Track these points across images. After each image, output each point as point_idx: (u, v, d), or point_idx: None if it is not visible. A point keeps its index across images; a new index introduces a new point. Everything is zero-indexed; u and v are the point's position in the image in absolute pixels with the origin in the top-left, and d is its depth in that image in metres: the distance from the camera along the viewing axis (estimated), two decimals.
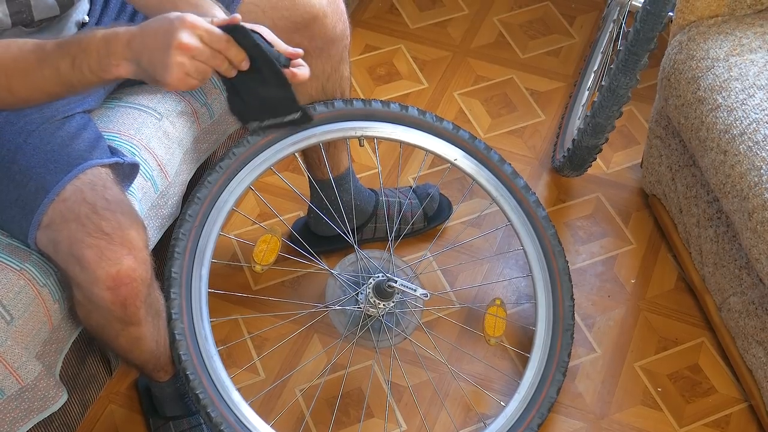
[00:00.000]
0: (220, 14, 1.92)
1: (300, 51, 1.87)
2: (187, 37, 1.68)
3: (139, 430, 2.51)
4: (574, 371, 2.58)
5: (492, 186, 2.45)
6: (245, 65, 1.76)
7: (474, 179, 2.46)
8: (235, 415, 2.20)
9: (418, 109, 2.44)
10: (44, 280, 2.02)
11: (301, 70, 1.88)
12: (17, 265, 2.00)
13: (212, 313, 2.26)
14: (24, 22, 1.96)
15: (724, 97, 2.32)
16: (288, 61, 1.87)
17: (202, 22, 1.70)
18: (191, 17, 1.69)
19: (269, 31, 1.88)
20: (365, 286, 2.40)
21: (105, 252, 1.89)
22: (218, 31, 1.72)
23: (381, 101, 2.42)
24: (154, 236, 2.26)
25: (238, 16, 1.74)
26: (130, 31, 1.73)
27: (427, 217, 2.80)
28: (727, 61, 2.36)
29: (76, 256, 1.90)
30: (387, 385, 2.55)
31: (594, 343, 2.64)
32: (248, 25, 1.85)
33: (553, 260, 2.45)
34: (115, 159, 2.05)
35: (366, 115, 2.41)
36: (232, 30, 1.75)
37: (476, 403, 2.53)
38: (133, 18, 2.21)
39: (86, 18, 2.12)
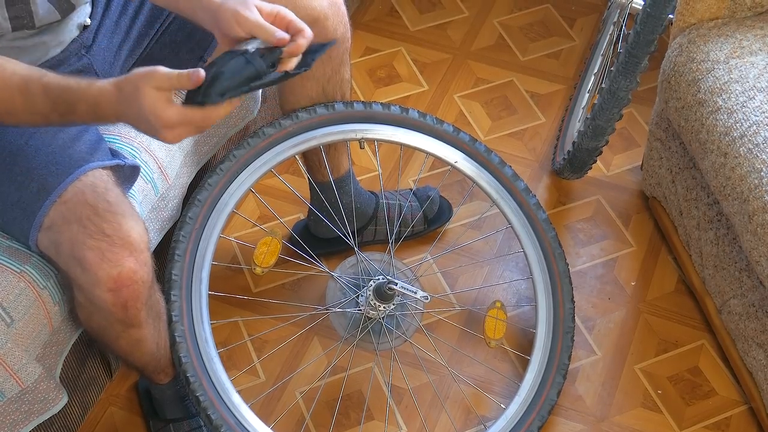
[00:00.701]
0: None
1: (285, 37, 1.85)
2: (170, 133, 1.75)
3: None
4: (575, 373, 2.58)
5: (492, 188, 2.45)
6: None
7: (474, 182, 2.46)
8: (236, 418, 2.21)
9: (418, 111, 2.44)
10: (44, 283, 2.02)
11: (291, 62, 1.88)
12: (17, 268, 2.00)
13: (212, 315, 2.26)
14: (25, 28, 1.96)
15: (724, 99, 2.32)
16: (279, 52, 1.84)
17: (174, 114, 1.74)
18: (162, 113, 1.72)
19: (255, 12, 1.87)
20: (365, 288, 2.40)
21: (106, 254, 1.89)
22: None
23: (381, 103, 2.42)
24: (154, 238, 2.26)
25: (201, 72, 1.72)
26: (112, 103, 1.76)
27: (428, 220, 2.80)
28: (728, 63, 2.37)
29: (78, 258, 1.90)
30: (387, 388, 2.55)
31: (594, 345, 2.64)
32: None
33: (554, 263, 2.45)
34: (115, 161, 2.05)
35: (366, 117, 2.42)
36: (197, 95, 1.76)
37: (476, 405, 2.53)
38: (134, 21, 2.21)
39: (88, 21, 2.12)
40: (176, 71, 1.72)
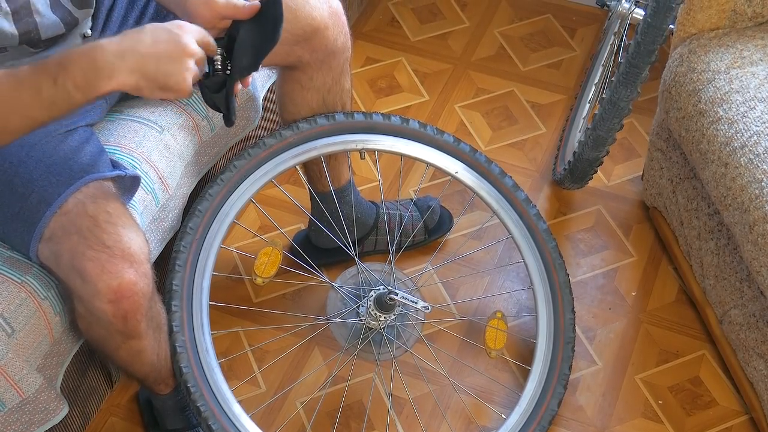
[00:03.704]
0: None
1: (255, 4, 1.93)
2: (194, 44, 1.76)
3: None
4: (575, 384, 2.58)
5: (493, 199, 2.45)
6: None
7: (475, 192, 2.46)
8: (236, 428, 2.20)
9: (418, 122, 2.44)
10: (45, 293, 2.02)
11: None
12: (18, 278, 2.00)
13: (213, 325, 2.26)
14: (31, 41, 1.96)
15: (725, 109, 2.32)
16: None
17: (198, 29, 1.81)
18: (188, 25, 1.79)
19: None
20: (366, 298, 2.40)
21: (106, 265, 1.89)
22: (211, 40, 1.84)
23: (382, 114, 2.43)
24: (155, 249, 2.26)
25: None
26: (116, 43, 1.73)
27: (428, 230, 2.80)
28: (728, 73, 2.37)
29: (78, 269, 1.90)
30: (388, 398, 2.55)
31: (595, 355, 2.63)
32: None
33: (554, 273, 2.45)
34: (116, 172, 2.05)
35: (367, 127, 2.42)
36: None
37: (477, 415, 2.53)
38: None
39: (89, 32, 2.12)
40: None
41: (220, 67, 1.93)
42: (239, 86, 1.95)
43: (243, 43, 1.92)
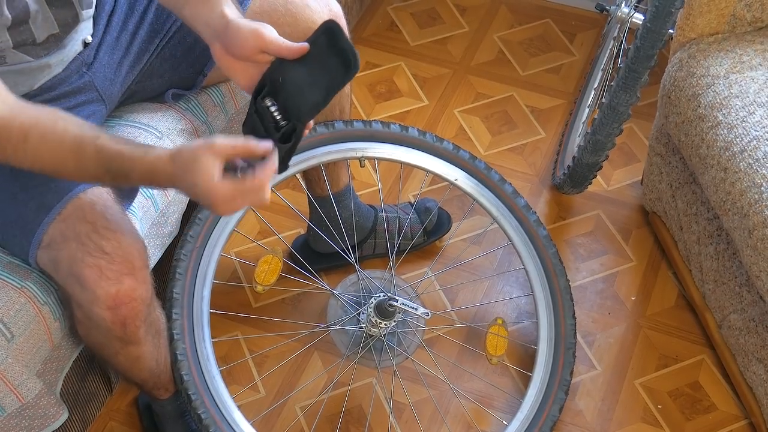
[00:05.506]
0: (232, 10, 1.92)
1: (305, 46, 1.89)
2: (225, 207, 1.79)
3: None
4: (575, 388, 2.57)
5: (492, 205, 2.45)
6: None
7: (474, 199, 2.46)
8: None
9: (418, 129, 2.44)
10: (45, 299, 2.02)
11: None
12: (18, 283, 2.00)
13: (213, 331, 2.26)
14: (26, 45, 1.96)
15: (724, 114, 2.32)
16: None
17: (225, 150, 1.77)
18: (209, 178, 1.75)
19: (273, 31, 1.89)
20: (366, 305, 2.40)
21: (105, 271, 1.89)
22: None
23: (381, 122, 2.42)
24: (154, 254, 2.26)
25: (269, 144, 1.81)
26: (168, 173, 1.78)
27: (427, 231, 2.79)
28: (728, 78, 2.37)
29: (76, 275, 1.90)
30: (388, 403, 2.55)
31: (594, 360, 2.63)
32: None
33: (554, 279, 2.45)
34: None
35: (366, 135, 2.41)
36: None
37: (478, 421, 2.53)
38: (134, 36, 2.21)
39: (89, 38, 2.11)
40: (240, 139, 1.77)
41: (280, 117, 1.86)
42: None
43: (297, 85, 1.86)
